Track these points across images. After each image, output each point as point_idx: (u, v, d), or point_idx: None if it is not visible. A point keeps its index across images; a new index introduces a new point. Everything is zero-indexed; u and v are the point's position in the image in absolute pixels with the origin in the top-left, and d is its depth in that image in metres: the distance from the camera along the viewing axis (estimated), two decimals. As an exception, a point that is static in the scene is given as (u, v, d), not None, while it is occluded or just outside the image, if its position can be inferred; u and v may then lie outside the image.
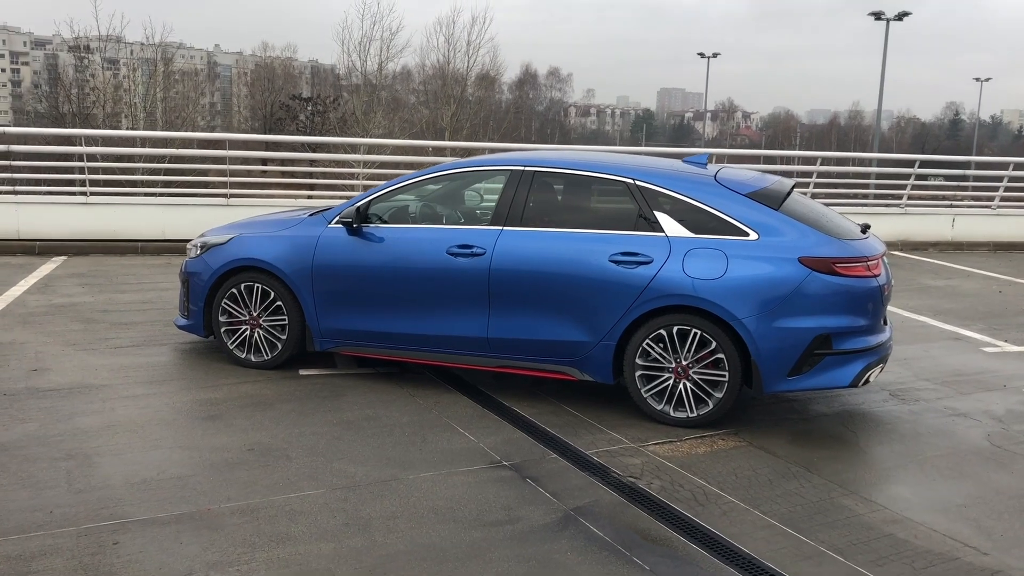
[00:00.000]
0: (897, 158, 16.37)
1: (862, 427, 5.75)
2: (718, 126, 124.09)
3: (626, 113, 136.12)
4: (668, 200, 5.64)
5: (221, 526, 4.03)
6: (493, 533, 4.08)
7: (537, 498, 4.47)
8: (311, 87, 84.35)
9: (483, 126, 64.52)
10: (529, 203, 5.88)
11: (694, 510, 4.41)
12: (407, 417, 5.54)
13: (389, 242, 6.02)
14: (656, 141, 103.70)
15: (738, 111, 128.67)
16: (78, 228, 11.00)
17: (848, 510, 4.49)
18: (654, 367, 5.55)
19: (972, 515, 4.48)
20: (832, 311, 5.35)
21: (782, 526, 4.27)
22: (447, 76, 49.45)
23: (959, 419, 5.93)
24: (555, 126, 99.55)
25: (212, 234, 6.68)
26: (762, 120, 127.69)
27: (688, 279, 5.41)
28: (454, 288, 5.85)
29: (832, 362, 5.38)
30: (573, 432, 5.40)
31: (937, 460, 5.22)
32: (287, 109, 55.87)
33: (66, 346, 6.75)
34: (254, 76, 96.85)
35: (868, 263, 5.45)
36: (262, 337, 6.33)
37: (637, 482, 4.71)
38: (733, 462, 5.05)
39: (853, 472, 4.99)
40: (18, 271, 9.54)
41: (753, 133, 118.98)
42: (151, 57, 49.60)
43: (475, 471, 4.76)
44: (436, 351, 5.99)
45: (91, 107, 45.58)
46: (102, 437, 5.01)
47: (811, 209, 5.90)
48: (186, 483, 4.46)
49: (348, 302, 6.10)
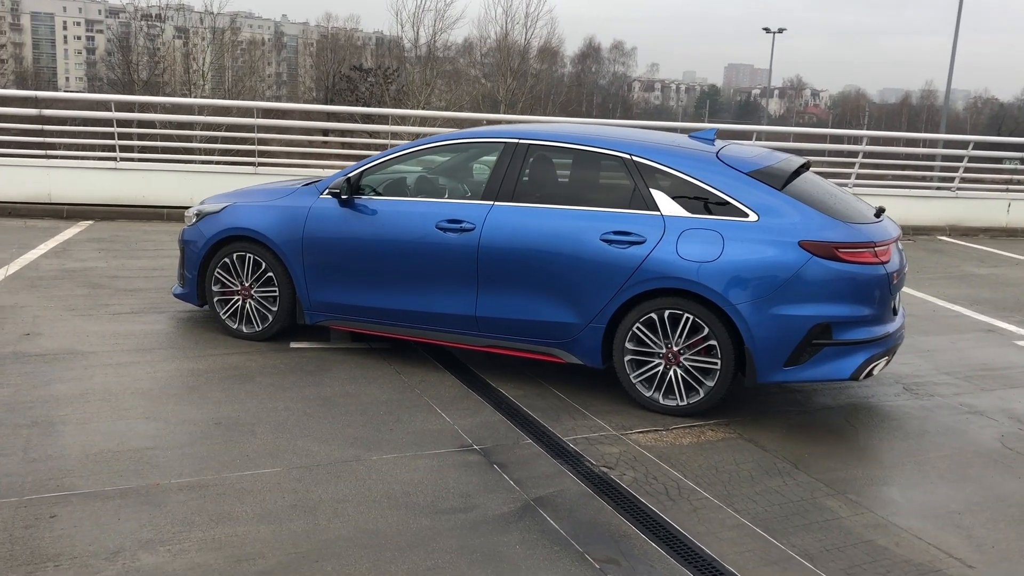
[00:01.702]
0: (950, 138, 15.62)
1: (865, 422, 5.43)
2: (785, 104, 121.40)
3: (691, 88, 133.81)
4: (665, 177, 5.36)
5: (164, 502, 3.92)
6: (443, 521, 3.91)
7: (499, 485, 4.29)
8: (375, 58, 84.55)
9: (543, 100, 64.12)
10: (523, 178, 5.65)
11: (663, 505, 4.18)
12: (387, 395, 5.39)
13: (379, 215, 5.85)
14: (720, 118, 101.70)
15: (807, 89, 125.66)
16: (107, 194, 11.07)
17: (829, 512, 4.21)
18: (644, 352, 5.30)
19: (965, 523, 4.17)
20: (833, 299, 5.03)
21: (753, 526, 4.02)
22: (506, 49, 49.07)
23: (974, 417, 5.58)
24: (617, 101, 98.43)
25: (210, 202, 6.59)
26: (831, 98, 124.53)
27: (681, 261, 5.14)
28: (443, 264, 5.66)
29: (832, 353, 5.07)
30: (555, 417, 5.20)
31: (939, 461, 4.89)
32: (347, 80, 56.04)
33: (65, 311, 6.73)
34: (319, 47, 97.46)
35: (876, 248, 5.11)
36: (253, 308, 6.22)
37: (609, 472, 4.50)
38: (717, 455, 4.80)
39: (844, 471, 4.70)
40: (41, 235, 9.61)
41: (821, 112, 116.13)
42: (220, 27, 50.31)
43: (441, 454, 4.59)
44: (424, 328, 5.82)
45: (161, 75, 46.42)
46: (73, 405, 4.95)
47: (821, 190, 5.56)
48: (143, 456, 4.37)
49: (337, 275, 5.95)
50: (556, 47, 65.19)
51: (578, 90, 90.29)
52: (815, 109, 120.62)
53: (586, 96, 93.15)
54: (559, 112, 59.36)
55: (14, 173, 11.03)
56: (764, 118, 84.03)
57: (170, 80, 46.53)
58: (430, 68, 41.40)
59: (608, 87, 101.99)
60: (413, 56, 49.24)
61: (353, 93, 51.44)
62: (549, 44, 61.75)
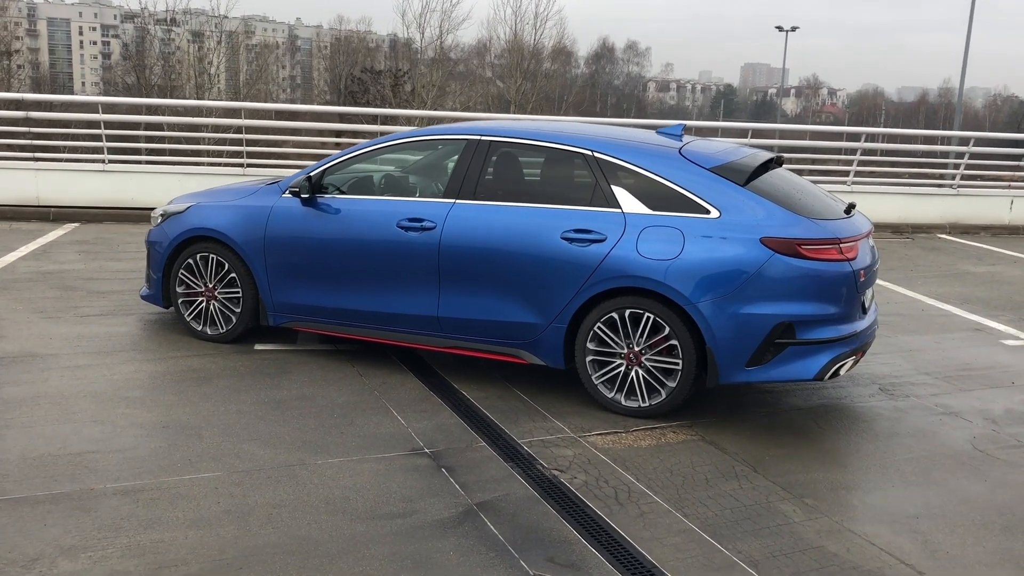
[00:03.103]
0: (949, 135, 15.36)
1: (835, 424, 5.29)
2: (802, 103, 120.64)
3: (707, 88, 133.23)
4: (627, 174, 5.24)
5: (95, 508, 3.84)
6: (379, 527, 3.80)
7: (444, 490, 4.18)
8: (388, 60, 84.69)
9: (557, 101, 64.04)
10: (485, 175, 5.55)
11: (609, 509, 4.06)
12: (344, 398, 5.29)
13: (340, 214, 5.75)
14: (736, 117, 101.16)
15: (823, 87, 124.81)
16: (95, 196, 11.03)
17: (782, 516, 4.08)
18: (606, 352, 5.18)
19: (923, 527, 4.03)
20: (797, 297, 4.89)
21: (701, 532, 3.90)
22: (519, 49, 49.02)
23: (948, 418, 5.42)
24: (632, 101, 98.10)
25: (175, 202, 6.51)
26: (848, 97, 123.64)
27: (641, 259, 5.01)
28: (404, 263, 5.56)
29: (795, 352, 4.93)
30: (513, 419, 5.08)
31: (906, 464, 4.74)
32: (359, 82, 56.10)
33: (33, 313, 6.68)
34: (333, 49, 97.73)
35: (841, 245, 4.97)
36: (217, 310, 6.14)
37: (560, 475, 4.38)
38: (675, 457, 4.67)
39: (804, 474, 4.56)
40: (23, 237, 9.58)
41: (838, 110, 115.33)
42: (233, 30, 50.54)
43: (389, 458, 4.49)
44: (387, 329, 5.72)
45: (176, 79, 46.69)
46: (22, 408, 4.87)
47: (788, 185, 5.42)
48: (83, 460, 4.29)
49: (299, 275, 5.86)
50: (569, 47, 65.11)
51: (592, 90, 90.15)
52: (832, 108, 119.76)
53: (600, 96, 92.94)
54: (572, 112, 59.23)
55: (3, 176, 11.01)
56: (782, 117, 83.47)
57: (183, 84, 46.73)
58: (436, 69, 41.36)
59: (622, 87, 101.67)
60: (426, 58, 49.34)
61: (364, 95, 51.51)
62: (562, 44, 61.63)
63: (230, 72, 63.74)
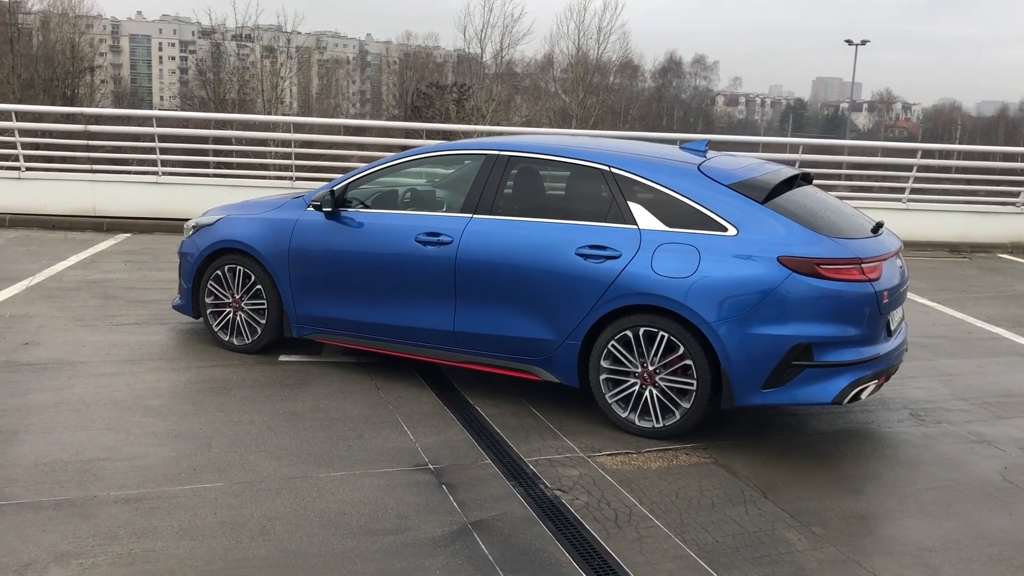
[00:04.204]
0: (1010, 151, 14.82)
1: (857, 450, 5.12)
2: (875, 117, 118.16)
3: (776, 103, 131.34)
4: (643, 189, 5.16)
5: (95, 515, 3.90)
6: (370, 543, 3.79)
7: (441, 507, 4.15)
8: (456, 75, 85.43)
9: (623, 115, 63.85)
10: (502, 190, 5.52)
11: (607, 532, 3.98)
12: (358, 411, 5.30)
13: (361, 228, 5.78)
14: (806, 132, 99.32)
15: (897, 102, 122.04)
16: (147, 207, 11.32)
17: (786, 545, 3.95)
18: (620, 371, 5.10)
19: (934, 562, 3.86)
20: (815, 318, 4.75)
21: (697, 558, 3.79)
22: (585, 64, 48.95)
23: (980, 447, 5.20)
24: (699, 115, 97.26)
25: (208, 214, 6.63)
26: (923, 112, 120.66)
27: (656, 276, 4.93)
28: (421, 278, 5.56)
29: (813, 375, 4.79)
30: (524, 436, 5.03)
31: (927, 493, 4.56)
32: (424, 97, 56.65)
33: (71, 321, 6.85)
34: (401, 64, 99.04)
35: (863, 265, 4.81)
36: (243, 321, 6.22)
37: (562, 496, 4.31)
38: (683, 480, 4.57)
39: (817, 501, 4.41)
40: (75, 246, 9.87)
41: (912, 125, 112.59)
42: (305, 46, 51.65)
43: (392, 473, 4.48)
44: (405, 343, 5.72)
45: (250, 94, 47.87)
46: (44, 414, 4.99)
47: (815, 203, 5.29)
48: (92, 467, 4.36)
49: (321, 288, 5.91)
50: (636, 61, 64.95)
51: (658, 104, 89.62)
52: (906, 123, 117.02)
53: (666, 110, 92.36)
54: (637, 126, 58.98)
55: (62, 187, 11.40)
56: (854, 132, 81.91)
57: (256, 98, 47.83)
58: (495, 84, 41.60)
59: (689, 101, 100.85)
60: (493, 72, 49.65)
61: (429, 109, 51.98)
62: (628, 58, 61.50)
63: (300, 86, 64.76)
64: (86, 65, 53.83)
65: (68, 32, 54.07)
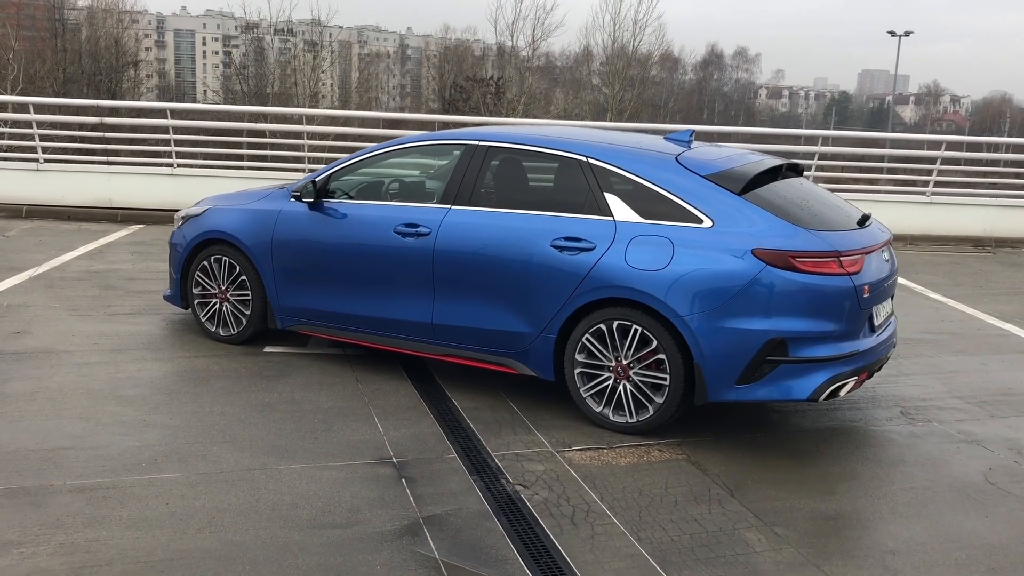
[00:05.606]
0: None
1: (837, 448, 4.97)
2: (921, 110, 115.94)
3: (820, 95, 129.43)
4: (620, 180, 5.06)
5: (47, 504, 3.90)
6: (316, 537, 3.75)
7: (396, 501, 4.09)
8: (495, 68, 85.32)
9: (663, 108, 63.35)
10: (480, 181, 5.45)
11: (561, 529, 3.90)
12: (332, 403, 5.26)
13: (340, 219, 5.75)
14: (850, 125, 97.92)
15: (945, 94, 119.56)
16: (161, 198, 11.41)
17: (744, 545, 3.83)
18: (594, 365, 5.01)
19: (896, 565, 3.72)
20: (790, 312, 4.62)
21: (649, 557, 3.70)
22: (625, 56, 48.60)
23: (967, 447, 5.03)
24: (741, 108, 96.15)
25: (200, 204, 6.64)
26: (972, 104, 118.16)
27: (629, 269, 4.83)
28: (400, 269, 5.51)
29: (789, 371, 4.66)
30: (496, 430, 4.96)
31: (902, 495, 4.41)
32: (461, 90, 56.63)
33: (65, 311, 6.91)
34: (440, 58, 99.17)
35: (842, 258, 4.66)
36: (229, 311, 6.22)
37: (522, 491, 4.24)
38: (650, 477, 4.46)
39: (785, 501, 4.28)
40: (86, 237, 9.97)
41: (959, 118, 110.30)
42: (347, 40, 51.92)
43: (353, 466, 4.43)
44: (385, 335, 5.67)
45: (291, 87, 48.29)
46: (17, 403, 5.02)
47: (800, 195, 5.14)
48: (54, 456, 4.37)
49: (303, 279, 5.88)
50: (676, 54, 64.40)
51: (699, 97, 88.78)
52: (954, 116, 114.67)
53: (707, 103, 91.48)
54: (677, 119, 58.41)
55: (79, 179, 11.54)
56: (900, 126, 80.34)
57: (297, 91, 48.18)
58: (527, 77, 41.49)
59: (731, 94, 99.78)
60: (533, 66, 49.51)
61: (466, 103, 51.94)
62: (668, 51, 60.96)
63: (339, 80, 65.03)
64: (129, 60, 54.59)
65: (113, 27, 54.92)
